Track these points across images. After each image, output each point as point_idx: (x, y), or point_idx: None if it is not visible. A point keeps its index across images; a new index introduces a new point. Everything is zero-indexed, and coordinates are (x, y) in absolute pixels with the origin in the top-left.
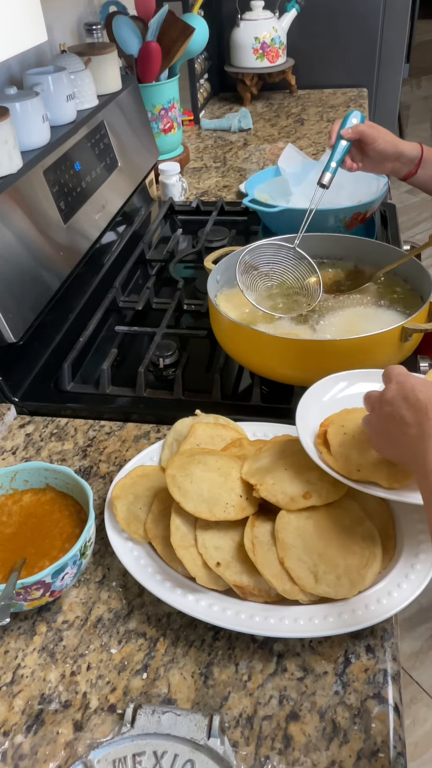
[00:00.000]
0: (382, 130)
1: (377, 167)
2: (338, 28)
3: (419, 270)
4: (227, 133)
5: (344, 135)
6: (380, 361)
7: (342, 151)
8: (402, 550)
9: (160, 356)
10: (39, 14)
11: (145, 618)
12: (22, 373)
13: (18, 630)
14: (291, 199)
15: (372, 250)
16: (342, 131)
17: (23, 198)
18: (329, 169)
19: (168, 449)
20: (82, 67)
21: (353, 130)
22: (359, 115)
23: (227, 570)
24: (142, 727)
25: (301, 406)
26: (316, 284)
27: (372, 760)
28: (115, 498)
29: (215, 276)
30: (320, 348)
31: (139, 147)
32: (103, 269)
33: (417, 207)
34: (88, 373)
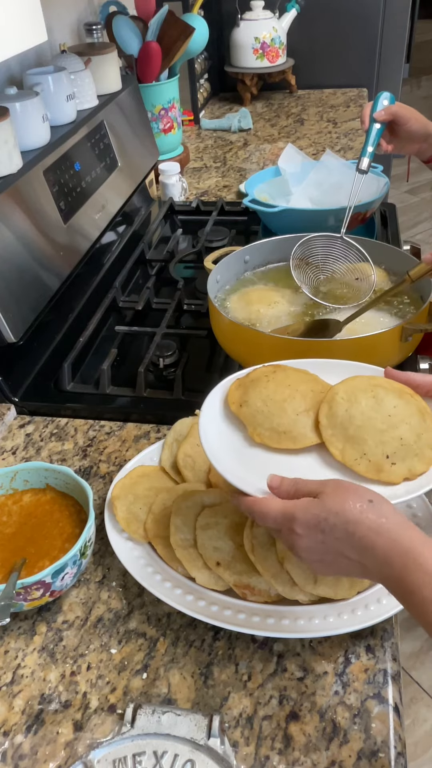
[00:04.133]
0: (413, 110)
1: (405, 148)
2: (338, 28)
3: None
4: (227, 133)
5: (378, 118)
6: (380, 361)
7: (377, 134)
8: None
9: (160, 356)
10: (39, 14)
11: (145, 618)
12: (22, 373)
13: (18, 630)
14: (291, 199)
15: (372, 250)
16: (375, 114)
17: (23, 198)
18: (366, 154)
19: (168, 449)
20: (82, 67)
21: (386, 111)
22: (389, 96)
23: (227, 570)
24: (142, 727)
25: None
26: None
27: (372, 760)
28: (115, 498)
29: (215, 276)
30: (320, 348)
31: (139, 147)
32: (103, 269)
33: (417, 207)
34: (88, 373)
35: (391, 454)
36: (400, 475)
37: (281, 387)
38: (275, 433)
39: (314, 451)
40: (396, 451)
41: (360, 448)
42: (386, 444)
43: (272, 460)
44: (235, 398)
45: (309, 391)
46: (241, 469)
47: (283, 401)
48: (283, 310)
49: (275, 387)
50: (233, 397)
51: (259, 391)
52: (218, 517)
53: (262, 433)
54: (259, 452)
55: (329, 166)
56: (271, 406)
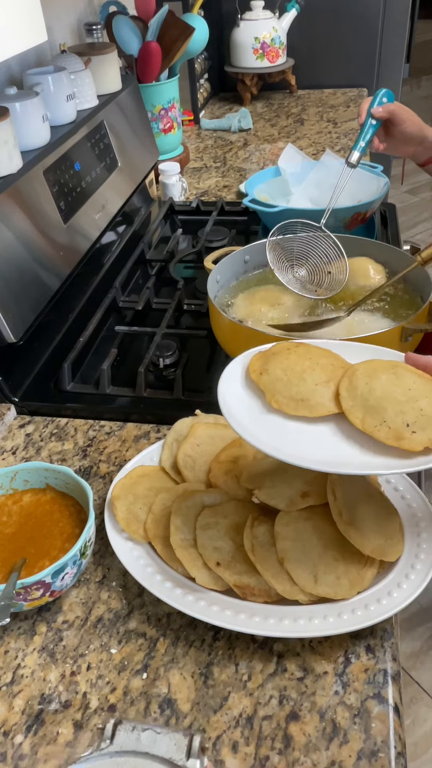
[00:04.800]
0: (411, 112)
1: (399, 149)
2: (338, 28)
3: (419, 270)
4: (227, 133)
5: (375, 114)
6: None
7: (371, 130)
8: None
9: (160, 356)
10: (39, 14)
11: (145, 618)
12: (22, 373)
13: (18, 630)
14: (291, 199)
15: (372, 250)
16: (372, 110)
17: (23, 198)
18: (358, 148)
19: (168, 449)
20: (82, 67)
21: (384, 109)
22: (389, 94)
23: (227, 570)
24: (121, 743)
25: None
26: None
27: (372, 760)
28: (115, 498)
29: (215, 276)
30: None
31: (139, 147)
32: (103, 269)
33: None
34: (88, 373)
35: (412, 422)
36: (421, 443)
37: (302, 359)
38: (293, 400)
39: (331, 421)
40: (417, 420)
41: (380, 416)
42: (406, 413)
43: (288, 426)
44: (255, 367)
45: (329, 365)
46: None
47: (302, 372)
48: (285, 312)
49: (296, 358)
50: (254, 366)
51: (279, 361)
52: (218, 517)
53: (279, 399)
54: (275, 417)
55: (329, 166)
56: (291, 375)
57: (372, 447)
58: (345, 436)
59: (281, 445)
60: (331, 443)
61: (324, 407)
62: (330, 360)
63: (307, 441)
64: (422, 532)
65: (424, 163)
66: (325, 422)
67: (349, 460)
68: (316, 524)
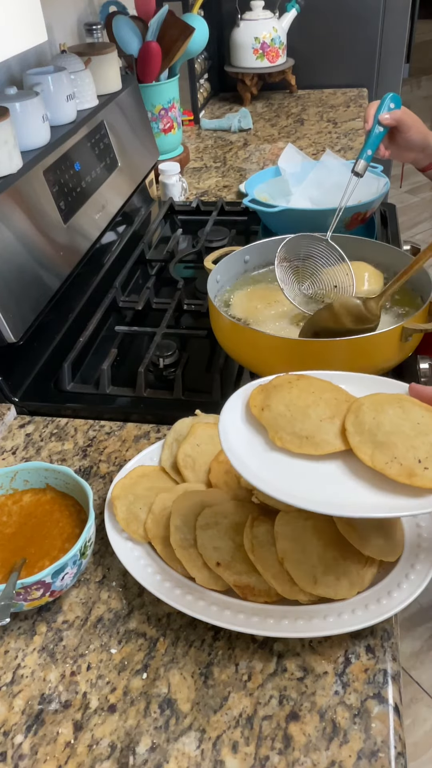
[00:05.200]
0: (416, 119)
1: (401, 155)
2: (338, 28)
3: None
4: (227, 133)
5: (383, 121)
6: (380, 361)
7: (378, 138)
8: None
9: (160, 356)
10: (39, 14)
11: (145, 618)
12: (22, 373)
13: (18, 630)
14: (291, 199)
15: (372, 250)
16: (380, 117)
17: (23, 198)
18: (365, 157)
19: (168, 449)
20: (82, 67)
21: (391, 116)
22: (397, 99)
23: (227, 570)
24: None
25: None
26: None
27: (372, 760)
28: (115, 498)
29: (215, 276)
30: (320, 348)
31: (139, 147)
32: (103, 269)
33: (417, 207)
34: (88, 373)
35: (423, 458)
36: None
37: (305, 393)
38: (297, 437)
39: (338, 458)
40: (428, 455)
41: (390, 452)
42: (417, 448)
43: (293, 465)
44: (257, 402)
45: (333, 399)
46: (262, 471)
47: (306, 407)
48: (282, 311)
49: (299, 393)
50: (255, 401)
51: (282, 396)
52: (218, 517)
53: (283, 437)
54: (279, 456)
55: (329, 166)
56: (294, 410)
57: (382, 484)
58: (353, 474)
59: (288, 486)
60: (339, 482)
61: (330, 444)
62: (334, 394)
63: (314, 480)
64: (422, 532)
65: (425, 169)
66: (332, 459)
67: (360, 500)
68: (316, 524)
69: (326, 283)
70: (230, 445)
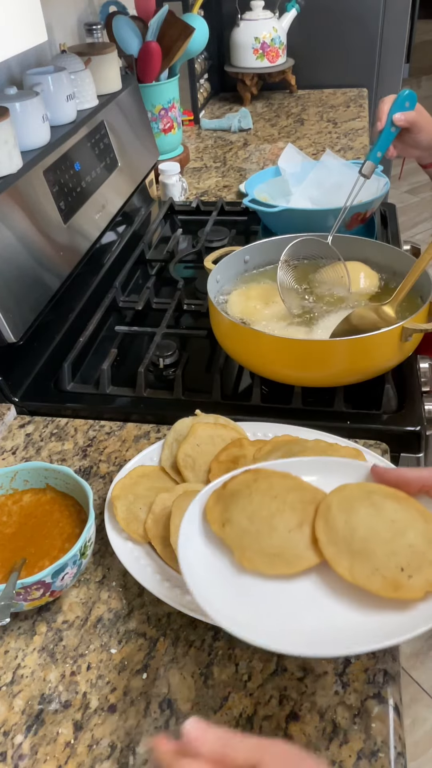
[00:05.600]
0: (429, 119)
1: (406, 151)
2: (338, 28)
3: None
4: (227, 133)
5: (397, 123)
6: (380, 361)
7: (390, 138)
8: None
9: (160, 356)
10: (39, 14)
11: (145, 618)
12: (22, 373)
13: (18, 630)
14: (291, 199)
15: (372, 250)
16: (395, 118)
17: (23, 198)
18: (374, 159)
19: (168, 449)
20: (82, 67)
21: (406, 118)
22: (413, 97)
23: None
24: None
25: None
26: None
27: (372, 760)
28: (115, 498)
29: (215, 276)
30: (320, 348)
31: (139, 147)
32: (103, 269)
33: (417, 207)
34: (88, 373)
35: (406, 565)
36: (421, 588)
37: (266, 498)
38: (267, 556)
39: (313, 572)
40: (410, 561)
41: (370, 563)
42: (398, 554)
43: (265, 589)
44: (215, 515)
45: (298, 502)
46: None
47: (271, 517)
48: (280, 310)
49: (260, 499)
50: (213, 515)
51: (242, 505)
52: None
53: (252, 557)
54: (249, 581)
55: (329, 166)
56: (259, 523)
57: (364, 598)
58: (331, 590)
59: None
60: (317, 604)
61: (303, 559)
62: (298, 494)
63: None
64: None
65: (427, 166)
66: (307, 575)
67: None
68: None
69: (323, 282)
70: (193, 577)
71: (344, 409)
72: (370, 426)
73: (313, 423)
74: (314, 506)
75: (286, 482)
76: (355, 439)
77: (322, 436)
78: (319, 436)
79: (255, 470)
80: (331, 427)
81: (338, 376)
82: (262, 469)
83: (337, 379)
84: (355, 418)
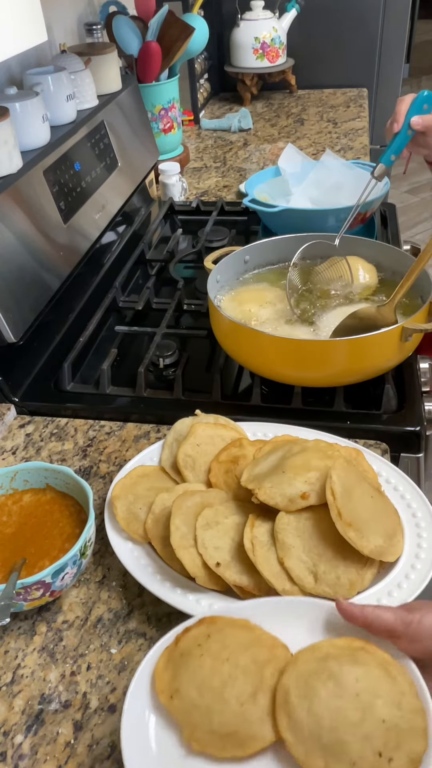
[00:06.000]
0: None
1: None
2: (338, 28)
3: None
4: (227, 133)
5: (414, 126)
6: (380, 361)
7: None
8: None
9: (160, 356)
10: (39, 14)
11: (145, 618)
12: (22, 373)
13: (18, 630)
14: (291, 199)
15: (372, 250)
16: (412, 121)
17: (23, 198)
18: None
19: (168, 449)
20: (82, 67)
21: (424, 122)
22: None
23: (227, 570)
24: None
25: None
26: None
27: None
28: (115, 498)
29: (215, 276)
30: (320, 348)
31: (139, 147)
32: (103, 269)
33: (417, 207)
34: (88, 373)
35: (383, 747)
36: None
37: (218, 663)
38: (217, 736)
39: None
40: (386, 741)
41: (346, 756)
42: (372, 737)
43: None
44: (164, 683)
45: (252, 663)
46: None
47: (222, 687)
48: (274, 311)
49: (211, 664)
50: (162, 683)
51: (192, 671)
52: (218, 517)
53: (201, 738)
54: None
55: (329, 166)
56: (209, 696)
57: None
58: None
59: None
60: None
61: (257, 740)
62: (252, 652)
63: None
64: (422, 532)
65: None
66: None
67: None
68: (316, 524)
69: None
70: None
71: (344, 409)
72: (370, 426)
73: (313, 423)
74: (271, 667)
75: (242, 637)
76: (355, 439)
77: (322, 436)
78: (319, 436)
79: (210, 621)
80: (331, 427)
81: (338, 376)
82: (218, 618)
83: (337, 379)
84: (355, 418)
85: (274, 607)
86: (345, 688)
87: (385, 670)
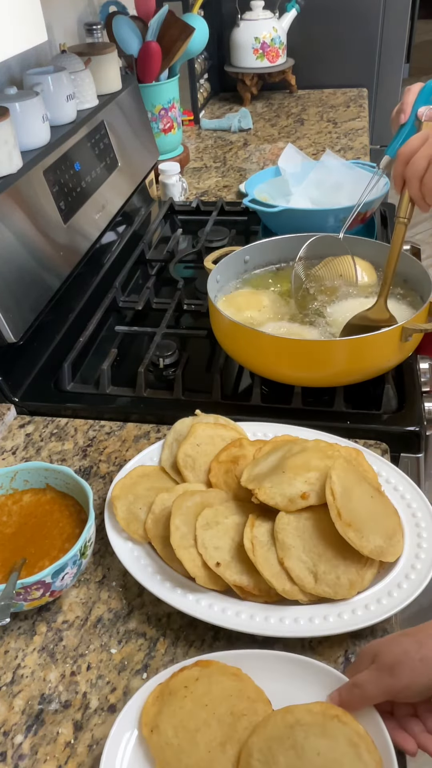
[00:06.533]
0: None
1: None
2: (338, 28)
3: (419, 270)
4: (227, 133)
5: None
6: (380, 361)
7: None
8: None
9: (160, 356)
10: (39, 14)
11: (145, 618)
12: (22, 373)
13: (18, 630)
14: (291, 199)
15: (372, 250)
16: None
17: (23, 198)
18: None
19: (168, 449)
20: (82, 67)
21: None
22: None
23: (227, 570)
24: None
25: None
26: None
27: None
28: (115, 498)
29: (215, 276)
30: (320, 348)
31: (139, 147)
32: (103, 269)
33: None
34: (88, 373)
35: None
36: None
37: (197, 707)
38: None
39: None
40: None
41: None
42: None
43: None
44: (149, 717)
45: (227, 714)
46: None
47: (195, 731)
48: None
49: (191, 707)
50: (147, 716)
51: (173, 711)
52: (218, 517)
53: None
54: None
55: (329, 166)
56: (182, 737)
57: None
58: None
59: None
60: None
61: None
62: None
63: None
64: (422, 532)
65: None
66: None
67: None
68: (316, 524)
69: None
70: None
71: (344, 409)
72: (370, 426)
73: (313, 423)
74: (245, 721)
75: (227, 685)
76: (355, 439)
77: (322, 436)
78: (319, 436)
79: (204, 664)
80: (331, 427)
81: (338, 376)
82: (212, 662)
83: (337, 379)
84: (355, 418)
85: (270, 661)
86: (304, 760)
87: (353, 746)
